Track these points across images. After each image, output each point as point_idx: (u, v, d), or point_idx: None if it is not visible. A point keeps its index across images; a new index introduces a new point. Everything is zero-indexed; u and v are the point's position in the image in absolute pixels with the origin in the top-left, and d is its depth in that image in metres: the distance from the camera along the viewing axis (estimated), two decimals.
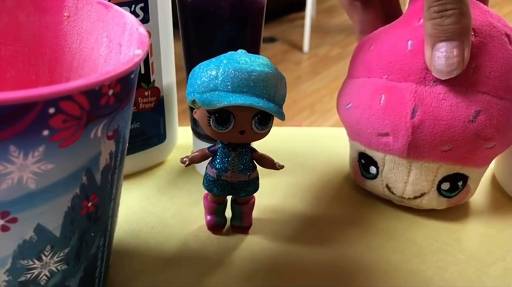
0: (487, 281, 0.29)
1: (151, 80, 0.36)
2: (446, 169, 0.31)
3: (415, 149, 0.31)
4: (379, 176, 0.33)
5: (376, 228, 0.33)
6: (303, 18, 2.26)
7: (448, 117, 0.30)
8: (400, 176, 0.32)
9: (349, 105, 0.34)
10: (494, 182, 0.38)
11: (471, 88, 0.30)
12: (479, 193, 0.37)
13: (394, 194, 0.33)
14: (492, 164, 0.39)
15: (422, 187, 0.32)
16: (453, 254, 0.31)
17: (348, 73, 0.36)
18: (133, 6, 0.33)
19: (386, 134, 0.31)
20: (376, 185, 0.34)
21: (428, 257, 0.31)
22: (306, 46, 2.25)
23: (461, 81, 0.30)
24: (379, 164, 0.33)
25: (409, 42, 0.31)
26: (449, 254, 0.31)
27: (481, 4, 0.32)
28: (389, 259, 0.30)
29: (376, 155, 0.33)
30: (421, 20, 0.31)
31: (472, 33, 0.30)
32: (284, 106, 0.29)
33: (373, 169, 0.34)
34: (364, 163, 0.34)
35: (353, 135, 0.34)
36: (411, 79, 0.31)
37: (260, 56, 0.28)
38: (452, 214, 0.34)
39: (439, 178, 0.32)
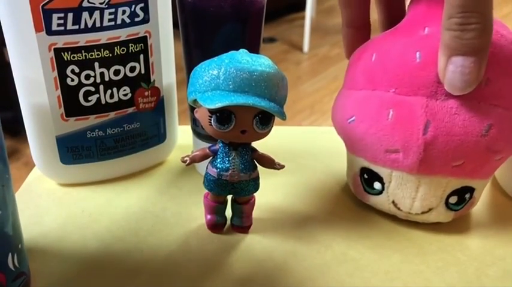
0: (487, 282, 0.29)
1: (151, 80, 0.36)
2: (456, 183, 0.31)
3: (426, 165, 0.30)
4: (384, 192, 0.32)
5: (376, 228, 0.33)
6: (303, 18, 2.26)
7: (461, 133, 0.28)
8: (408, 193, 0.31)
9: (352, 119, 0.32)
10: (494, 182, 0.38)
11: (483, 101, 0.29)
12: None
13: (401, 210, 0.32)
14: None
15: (431, 202, 0.31)
16: (453, 254, 0.31)
17: (346, 84, 0.34)
18: (133, 6, 0.33)
19: (396, 151, 0.30)
20: (381, 202, 0.33)
21: (428, 257, 0.31)
22: (305, 46, 2.25)
23: (474, 95, 0.28)
24: (385, 180, 0.32)
25: (417, 53, 0.29)
26: (449, 254, 0.31)
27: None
28: (389, 259, 0.30)
29: (382, 171, 0.32)
30: (427, 29, 0.30)
31: None
32: (284, 106, 0.29)
33: (377, 185, 0.32)
34: (367, 178, 0.33)
35: (355, 150, 0.33)
36: (421, 93, 0.29)
37: (262, 56, 0.28)
38: None
39: (448, 192, 0.31)
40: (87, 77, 0.33)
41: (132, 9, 0.33)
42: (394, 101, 0.30)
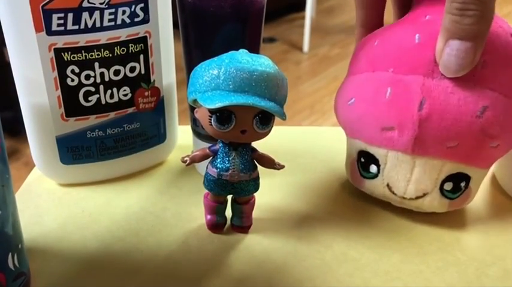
0: (487, 282, 0.29)
1: (151, 80, 0.36)
2: (451, 167, 0.31)
3: (421, 144, 0.30)
4: (379, 175, 0.33)
5: (376, 228, 0.33)
6: (303, 18, 2.26)
7: (455, 112, 0.29)
8: (403, 174, 0.32)
9: (352, 100, 0.33)
10: (494, 182, 0.38)
11: (479, 83, 0.29)
12: (479, 193, 0.37)
13: (395, 194, 0.33)
14: (492, 165, 0.39)
15: (425, 186, 0.32)
16: (453, 254, 0.31)
17: (349, 71, 0.35)
18: (133, 6, 0.33)
19: (391, 128, 0.31)
20: (376, 185, 0.33)
21: (428, 257, 0.31)
22: (305, 46, 2.25)
23: (470, 76, 0.29)
24: (381, 161, 0.32)
25: (417, 35, 0.30)
26: (449, 254, 0.31)
27: None
28: (389, 259, 0.30)
29: (378, 152, 0.32)
30: (428, 16, 0.31)
31: None
32: (284, 106, 0.29)
33: (373, 168, 0.33)
34: (364, 161, 0.33)
35: (353, 132, 0.34)
36: (419, 72, 0.30)
37: (262, 55, 0.28)
38: (453, 214, 0.34)
39: (443, 176, 0.31)
40: (87, 77, 0.33)
41: (132, 10, 0.33)
42: (392, 80, 0.31)
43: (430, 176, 0.31)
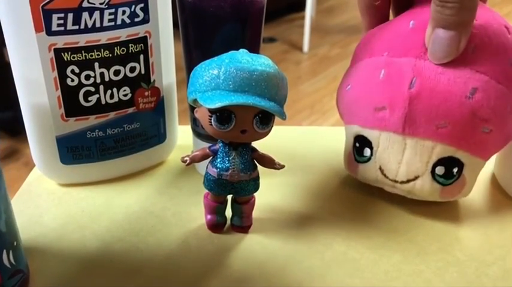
0: (487, 282, 0.29)
1: (151, 80, 0.36)
2: (442, 150, 0.31)
3: (411, 122, 0.31)
4: (372, 158, 0.33)
5: (376, 228, 0.33)
6: (303, 18, 2.26)
7: (445, 91, 0.30)
8: (394, 156, 0.32)
9: (349, 86, 0.34)
10: (494, 182, 0.38)
11: (469, 66, 0.30)
12: (479, 193, 0.37)
13: (387, 177, 0.33)
14: (492, 164, 0.39)
15: (416, 168, 0.32)
16: (453, 254, 0.31)
17: (351, 62, 0.36)
18: (133, 6, 0.33)
19: (383, 108, 0.31)
20: (369, 169, 0.34)
21: (428, 257, 0.31)
22: (305, 46, 2.25)
23: (460, 59, 0.30)
24: (374, 144, 0.33)
25: (411, 22, 0.32)
26: (449, 254, 0.31)
27: (486, 6, 0.32)
28: (390, 259, 0.30)
29: (372, 135, 0.33)
30: (424, 8, 0.32)
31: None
32: (284, 106, 0.29)
33: (367, 151, 0.33)
34: (358, 146, 0.34)
35: (350, 117, 0.34)
36: (411, 54, 0.31)
37: (262, 55, 0.28)
38: (453, 214, 0.34)
39: (434, 159, 0.31)
40: (87, 77, 0.33)
41: (132, 10, 0.33)
42: (386, 62, 0.32)
43: (421, 158, 0.31)
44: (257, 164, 0.30)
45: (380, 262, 0.30)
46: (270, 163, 0.30)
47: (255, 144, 0.30)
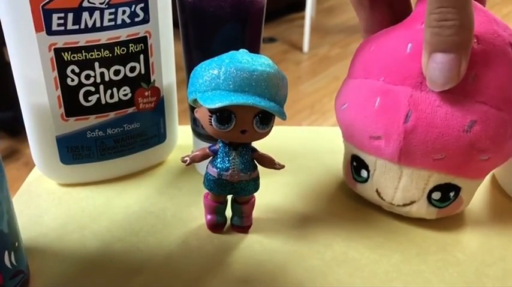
0: (487, 282, 0.29)
1: (152, 80, 0.36)
2: (438, 178, 0.31)
3: (407, 154, 0.30)
4: (369, 180, 0.33)
5: (376, 228, 0.33)
6: (303, 18, 2.26)
7: (442, 125, 0.29)
8: (391, 182, 0.32)
9: (345, 105, 0.33)
10: (494, 182, 0.38)
11: (469, 97, 0.29)
12: (479, 193, 0.37)
13: (384, 200, 0.33)
14: None
15: (412, 194, 0.32)
16: (453, 254, 0.31)
17: (348, 73, 0.35)
18: (133, 6, 0.33)
19: (379, 138, 0.31)
20: (367, 189, 0.34)
21: (428, 257, 0.31)
22: (305, 46, 2.25)
23: (459, 90, 0.28)
24: (371, 167, 0.32)
25: (409, 45, 0.30)
26: (449, 254, 0.31)
27: (488, 12, 0.31)
28: (390, 259, 0.30)
29: (368, 159, 0.32)
30: (424, 23, 0.30)
31: (475, 40, 0.28)
32: (284, 106, 0.29)
33: (364, 173, 0.33)
34: (356, 165, 0.34)
35: (347, 136, 0.34)
36: (408, 83, 0.30)
37: (262, 55, 0.28)
38: (452, 215, 0.34)
39: (430, 186, 0.31)
40: (87, 77, 0.33)
41: (132, 9, 0.33)
42: (382, 89, 0.31)
43: (417, 185, 0.31)
44: (257, 164, 0.30)
45: (380, 262, 0.30)
46: (270, 163, 0.30)
47: (255, 144, 0.30)
